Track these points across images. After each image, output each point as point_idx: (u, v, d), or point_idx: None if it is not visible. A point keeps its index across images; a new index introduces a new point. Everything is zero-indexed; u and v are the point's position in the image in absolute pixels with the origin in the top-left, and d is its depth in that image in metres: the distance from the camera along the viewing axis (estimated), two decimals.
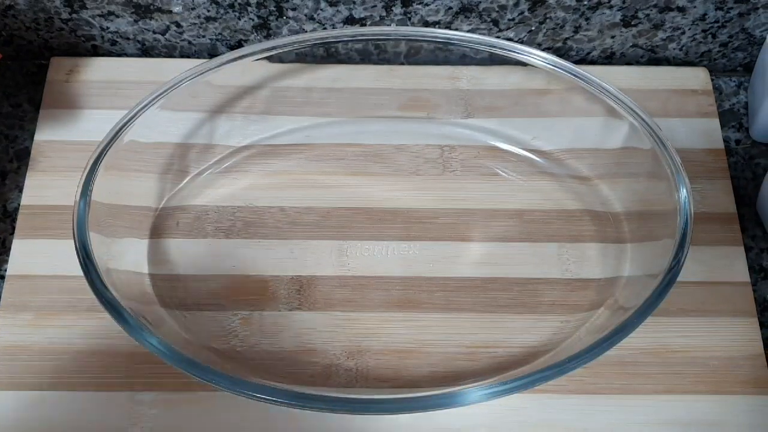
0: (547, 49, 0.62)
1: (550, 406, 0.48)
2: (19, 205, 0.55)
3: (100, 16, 0.60)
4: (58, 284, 0.51)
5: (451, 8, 0.59)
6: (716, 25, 0.61)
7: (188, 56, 0.64)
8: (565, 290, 0.52)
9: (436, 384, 0.48)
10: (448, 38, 0.55)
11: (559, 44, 0.63)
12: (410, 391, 0.44)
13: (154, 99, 0.52)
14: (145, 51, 0.64)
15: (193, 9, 0.59)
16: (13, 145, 0.58)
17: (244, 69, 0.57)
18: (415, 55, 0.63)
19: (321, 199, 0.55)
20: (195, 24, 0.61)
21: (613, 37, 0.62)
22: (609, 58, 0.65)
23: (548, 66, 0.54)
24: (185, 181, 0.56)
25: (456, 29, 0.61)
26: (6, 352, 0.49)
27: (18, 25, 0.61)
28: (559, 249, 0.53)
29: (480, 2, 0.59)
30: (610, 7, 0.59)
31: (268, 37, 0.62)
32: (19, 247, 0.53)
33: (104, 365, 0.49)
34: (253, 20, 0.60)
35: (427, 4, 0.59)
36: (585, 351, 0.43)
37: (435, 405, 0.43)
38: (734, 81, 0.63)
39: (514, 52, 0.54)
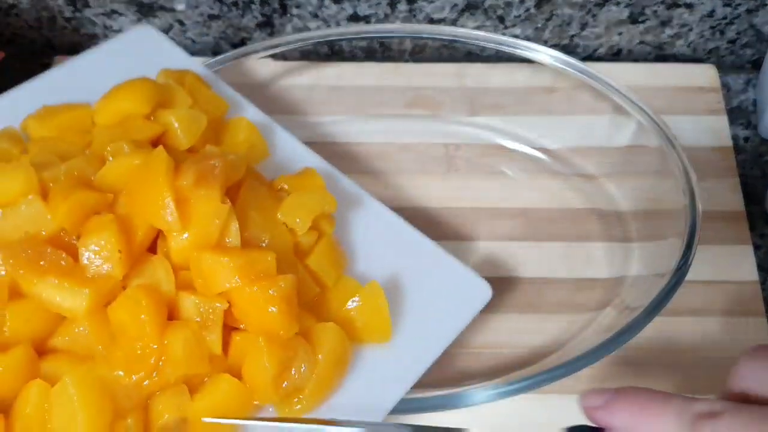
0: (553, 46, 0.62)
1: (557, 407, 0.47)
2: None
3: (103, 14, 0.60)
4: None
5: (456, 5, 0.59)
6: (724, 21, 0.60)
7: (192, 54, 0.64)
8: (571, 290, 0.51)
9: (441, 384, 0.47)
10: (454, 36, 0.54)
11: (566, 41, 0.63)
12: (415, 392, 0.44)
13: None
14: None
15: (196, 7, 0.59)
16: None
17: (247, 67, 0.57)
18: (420, 52, 0.63)
19: None
20: (198, 22, 0.60)
21: (620, 33, 0.62)
22: (616, 55, 0.64)
23: (555, 63, 0.53)
24: None
25: (461, 26, 0.61)
26: None
27: (21, 23, 0.61)
28: (566, 248, 0.53)
29: None
30: (617, 4, 0.59)
31: (271, 35, 0.62)
32: None
33: None
34: (256, 18, 0.60)
35: (432, 1, 0.58)
36: (592, 351, 0.43)
37: (440, 405, 0.43)
38: (742, 78, 0.62)
39: (520, 49, 0.54)
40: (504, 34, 0.56)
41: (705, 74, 0.61)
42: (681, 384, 0.48)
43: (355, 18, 0.60)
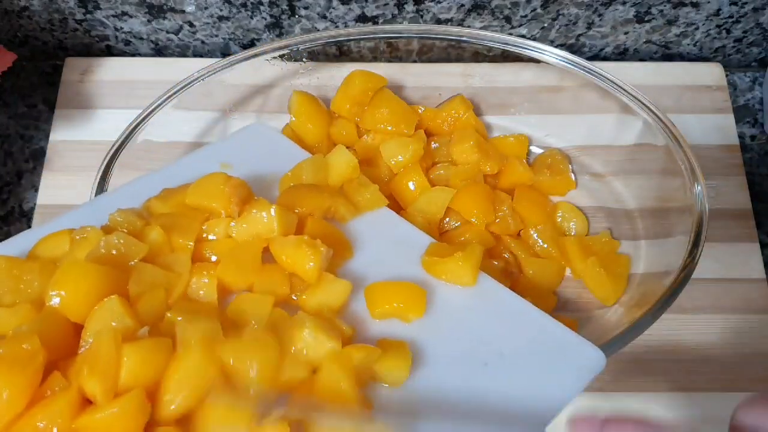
0: (560, 46, 0.62)
1: None
2: (35, 204, 0.55)
3: (113, 16, 0.60)
4: None
5: (463, 5, 0.59)
6: (730, 20, 0.60)
7: (201, 56, 0.64)
8: (578, 287, 0.52)
9: None
10: (461, 36, 0.55)
11: (572, 41, 0.63)
12: None
13: (167, 98, 0.52)
14: (159, 51, 0.64)
15: (205, 9, 0.59)
16: (29, 146, 0.59)
17: (256, 68, 0.57)
18: (427, 52, 0.63)
19: None
20: (208, 23, 0.61)
21: (626, 33, 0.62)
22: (622, 55, 0.64)
23: (561, 63, 0.54)
24: None
25: (468, 27, 0.61)
26: None
27: (33, 26, 0.61)
28: None
29: None
30: (623, 3, 0.59)
31: (280, 36, 0.62)
32: None
33: None
34: (265, 19, 0.60)
35: (439, 2, 0.59)
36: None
37: None
38: (749, 76, 0.62)
39: (527, 49, 0.54)
40: (511, 34, 0.56)
41: (711, 73, 0.61)
42: (687, 381, 0.48)
43: (362, 19, 0.61)
